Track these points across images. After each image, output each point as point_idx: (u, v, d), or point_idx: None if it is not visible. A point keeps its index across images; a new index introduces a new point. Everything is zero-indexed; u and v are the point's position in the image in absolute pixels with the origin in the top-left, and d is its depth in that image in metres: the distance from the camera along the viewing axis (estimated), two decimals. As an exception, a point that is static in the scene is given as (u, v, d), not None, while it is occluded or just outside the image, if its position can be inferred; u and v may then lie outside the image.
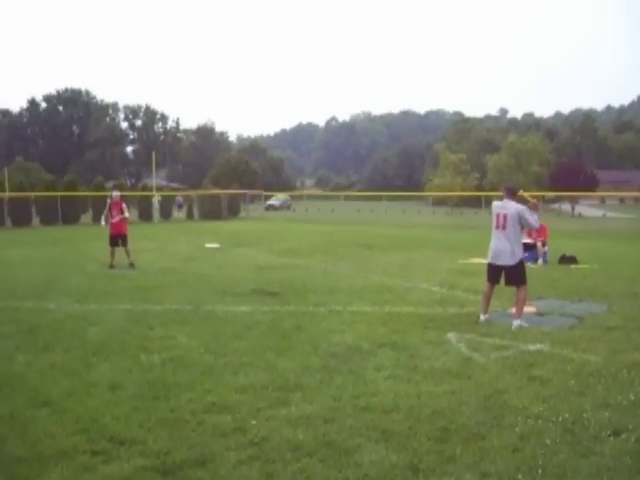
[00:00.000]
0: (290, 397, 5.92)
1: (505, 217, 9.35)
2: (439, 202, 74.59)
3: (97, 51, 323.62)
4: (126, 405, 5.72)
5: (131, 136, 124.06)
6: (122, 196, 17.95)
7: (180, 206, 52.23)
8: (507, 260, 9.34)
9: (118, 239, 16.66)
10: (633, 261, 17.87)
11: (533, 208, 10.19)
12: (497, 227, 9.44)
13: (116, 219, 16.84)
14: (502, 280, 9.59)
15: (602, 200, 78.58)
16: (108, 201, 17.42)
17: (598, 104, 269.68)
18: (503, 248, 9.35)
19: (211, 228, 35.38)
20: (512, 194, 9.69)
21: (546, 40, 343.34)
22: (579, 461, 4.52)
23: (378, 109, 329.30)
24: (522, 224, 9.47)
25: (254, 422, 5.27)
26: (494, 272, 9.58)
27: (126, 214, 17.14)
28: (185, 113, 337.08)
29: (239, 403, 5.75)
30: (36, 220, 39.99)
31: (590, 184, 68.28)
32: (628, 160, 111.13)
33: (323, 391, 6.10)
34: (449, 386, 6.22)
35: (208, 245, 23.05)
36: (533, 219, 9.55)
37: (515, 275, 9.40)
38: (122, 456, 4.67)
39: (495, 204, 9.71)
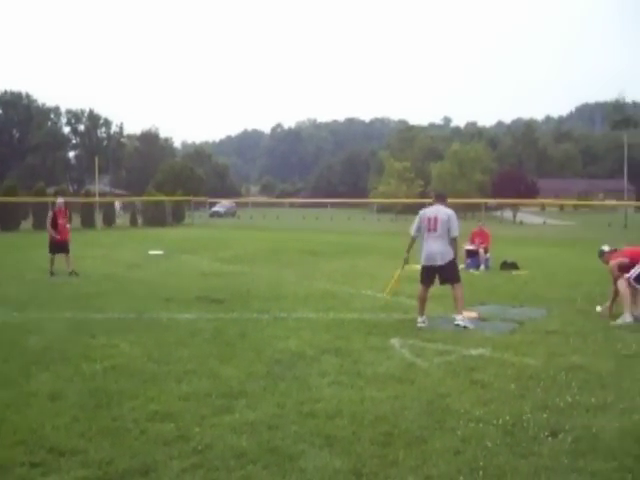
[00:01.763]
0: (234, 404, 5.89)
1: (436, 220, 9.74)
2: (384, 209, 75.15)
3: (38, 53, 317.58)
4: (67, 415, 5.61)
5: (73, 141, 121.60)
6: (66, 203, 17.71)
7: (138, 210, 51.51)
8: (440, 260, 9.70)
9: (61, 246, 16.38)
10: (572, 267, 18.31)
11: None
12: (429, 230, 9.81)
13: (62, 226, 16.58)
14: (437, 281, 9.95)
15: (542, 208, 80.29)
16: (51, 209, 17.01)
17: (538, 114, 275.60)
18: (436, 249, 9.73)
19: (155, 235, 34.98)
20: (442, 199, 10.25)
21: (488, 51, 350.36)
22: (518, 462, 4.61)
23: (323, 116, 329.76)
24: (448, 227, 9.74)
25: (197, 430, 5.23)
26: (429, 274, 9.91)
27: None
28: (129, 118, 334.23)
29: (182, 411, 5.70)
30: (-26, 227, 38.96)
31: (531, 192, 69.88)
32: (567, 169, 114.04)
33: (267, 398, 6.09)
34: (392, 391, 6.28)
35: (152, 252, 22.78)
36: (457, 228, 9.83)
37: (448, 273, 9.78)
38: (62, 467, 4.57)
39: (425, 210, 10.12)
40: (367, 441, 5.00)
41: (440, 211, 9.84)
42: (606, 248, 10.94)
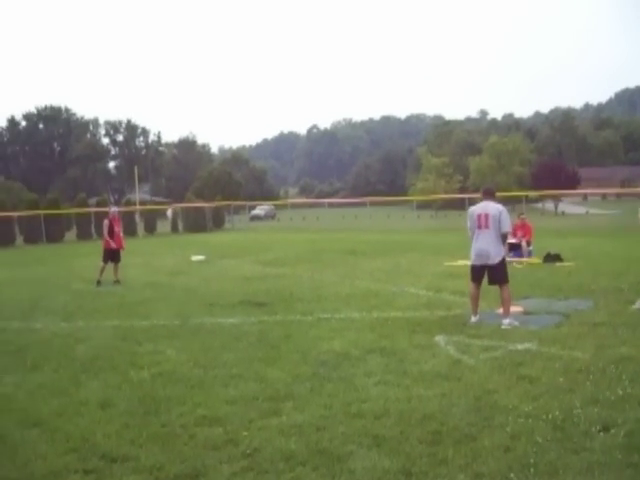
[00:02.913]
0: (281, 407, 5.92)
1: (487, 217, 9.42)
2: (423, 206, 74.63)
3: (75, 67, 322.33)
4: (117, 422, 5.70)
5: (113, 152, 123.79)
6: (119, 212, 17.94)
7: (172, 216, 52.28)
8: (491, 259, 9.40)
9: (115, 255, 16.58)
10: (617, 256, 17.99)
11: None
12: (479, 227, 9.49)
13: (117, 234, 16.75)
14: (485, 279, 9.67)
15: (584, 197, 79.06)
16: (107, 218, 17.16)
17: (576, 102, 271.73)
18: (486, 247, 9.41)
19: (196, 240, 35.30)
20: (491, 195, 9.85)
21: (524, 41, 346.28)
22: (570, 458, 4.55)
23: (359, 115, 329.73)
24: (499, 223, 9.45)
25: (246, 433, 5.27)
26: (478, 272, 9.64)
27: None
28: (166, 126, 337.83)
29: (230, 415, 5.74)
30: (20, 239, 39.80)
31: (572, 182, 68.74)
32: (608, 157, 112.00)
33: (314, 399, 6.10)
34: (439, 389, 6.24)
35: (194, 258, 22.97)
36: (509, 223, 9.62)
37: (498, 274, 9.47)
38: (115, 474, 4.65)
39: (474, 207, 9.83)
40: (415, 440, 4.98)
41: (490, 207, 9.51)
42: None
